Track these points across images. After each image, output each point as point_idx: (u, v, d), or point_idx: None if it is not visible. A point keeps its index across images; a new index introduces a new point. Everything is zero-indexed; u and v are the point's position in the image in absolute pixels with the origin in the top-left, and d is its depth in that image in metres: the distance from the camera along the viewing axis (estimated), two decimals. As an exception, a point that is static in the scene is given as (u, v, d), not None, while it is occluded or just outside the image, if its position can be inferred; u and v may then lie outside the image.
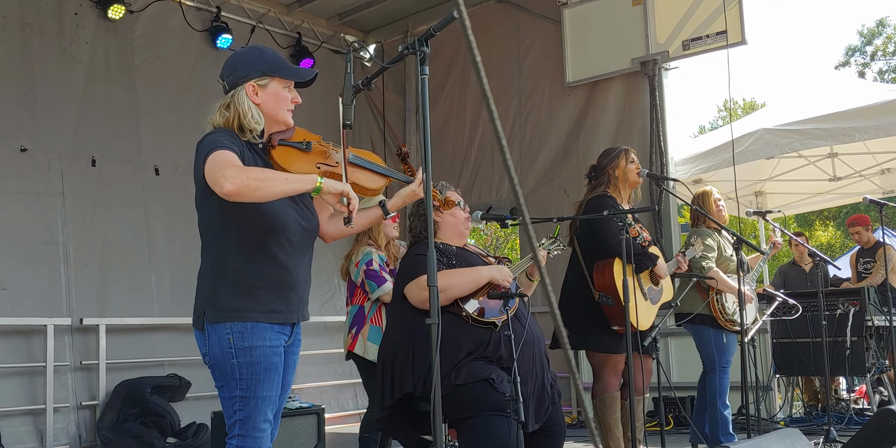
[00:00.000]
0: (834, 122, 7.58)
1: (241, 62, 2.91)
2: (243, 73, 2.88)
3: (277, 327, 2.86)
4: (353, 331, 5.01)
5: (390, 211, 3.18)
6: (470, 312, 3.65)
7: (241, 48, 3.08)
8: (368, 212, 3.17)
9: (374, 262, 4.99)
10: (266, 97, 2.89)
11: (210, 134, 2.83)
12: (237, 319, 2.77)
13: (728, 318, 5.38)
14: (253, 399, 2.79)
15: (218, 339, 2.78)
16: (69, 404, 6.67)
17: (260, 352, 2.79)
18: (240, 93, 2.86)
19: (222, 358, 2.79)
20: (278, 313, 2.85)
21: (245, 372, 2.78)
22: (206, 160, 2.69)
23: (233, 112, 2.85)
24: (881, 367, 6.92)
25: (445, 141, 9.61)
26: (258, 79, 2.88)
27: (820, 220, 27.65)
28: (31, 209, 6.85)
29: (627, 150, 5.04)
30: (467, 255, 3.96)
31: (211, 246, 2.87)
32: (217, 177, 2.62)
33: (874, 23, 31.69)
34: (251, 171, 2.68)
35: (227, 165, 2.64)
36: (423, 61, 2.66)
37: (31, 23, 7.09)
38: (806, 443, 4.02)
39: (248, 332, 2.78)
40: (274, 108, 2.90)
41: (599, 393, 4.68)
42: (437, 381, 2.58)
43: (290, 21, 9.26)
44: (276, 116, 2.92)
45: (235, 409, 2.80)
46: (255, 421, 2.80)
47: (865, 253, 8.54)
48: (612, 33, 8.36)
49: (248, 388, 2.78)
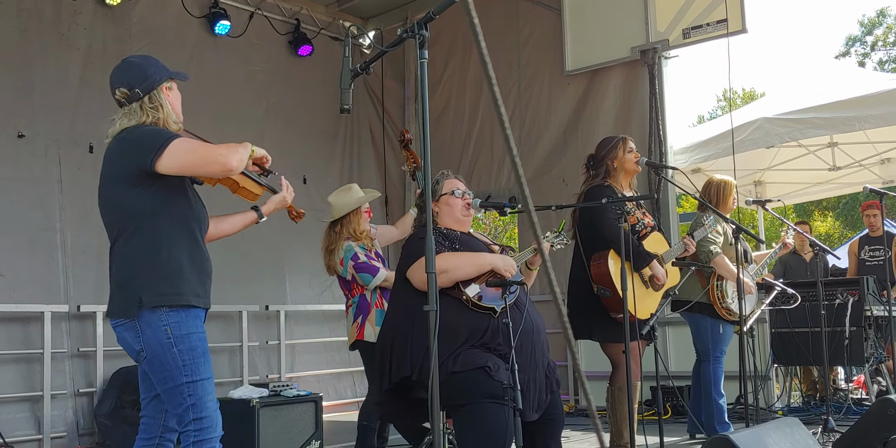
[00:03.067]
0: (834, 111, 7.56)
1: (149, 70, 3.14)
2: (157, 77, 3.13)
3: (201, 312, 3.05)
4: (359, 320, 4.97)
5: (264, 214, 3.56)
6: (471, 296, 3.64)
7: (133, 57, 3.31)
8: (244, 215, 3.53)
9: (358, 255, 4.95)
10: (173, 98, 3.21)
11: (142, 127, 3.04)
12: (176, 302, 2.93)
13: (725, 306, 5.36)
14: (199, 382, 2.94)
15: (154, 333, 2.92)
16: (66, 391, 6.66)
17: (196, 337, 2.97)
18: (160, 95, 3.12)
19: (161, 349, 2.91)
20: (202, 298, 3.05)
21: (187, 357, 2.93)
22: (167, 148, 2.92)
23: (164, 112, 3.10)
24: (879, 357, 6.91)
25: (444, 129, 9.58)
26: (168, 81, 3.17)
27: (819, 210, 27.65)
28: (28, 195, 6.82)
29: (626, 139, 5.01)
30: (471, 241, 3.94)
31: (141, 235, 3.02)
32: (215, 155, 2.96)
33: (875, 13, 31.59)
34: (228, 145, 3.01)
35: (215, 146, 2.99)
36: (422, 45, 2.64)
37: (28, 9, 7.05)
38: (805, 432, 4.01)
39: (183, 320, 2.94)
40: (177, 107, 3.22)
41: (619, 382, 4.68)
42: (434, 368, 2.57)
43: (288, 7, 9.21)
44: (178, 114, 3.22)
45: (185, 395, 2.92)
46: (206, 401, 2.95)
47: (872, 241, 8.47)
48: (612, 21, 8.34)
49: (192, 372, 2.93)
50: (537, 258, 4.23)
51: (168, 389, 2.94)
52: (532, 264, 4.27)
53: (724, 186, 5.65)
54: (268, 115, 8.68)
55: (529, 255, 4.23)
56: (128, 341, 2.99)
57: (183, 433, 2.93)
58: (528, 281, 4.18)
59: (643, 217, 4.94)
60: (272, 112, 8.72)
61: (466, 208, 4.02)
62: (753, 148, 8.13)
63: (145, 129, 3.01)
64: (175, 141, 2.93)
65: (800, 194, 11.14)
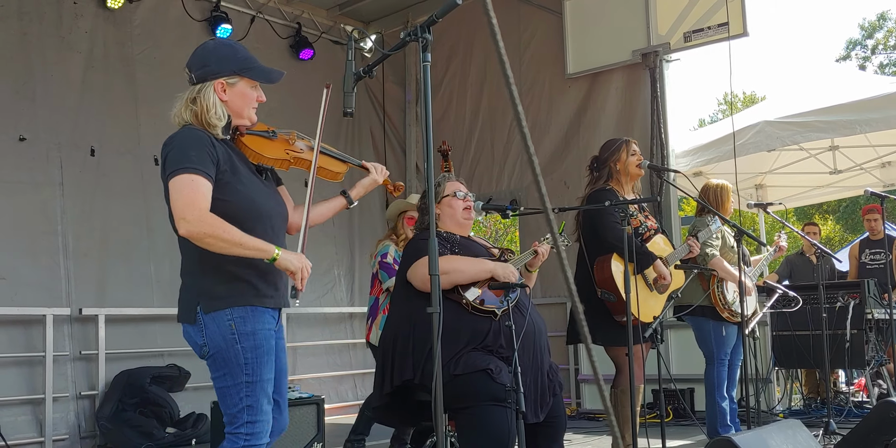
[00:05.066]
0: (835, 114, 7.56)
1: (213, 58, 2.93)
2: (214, 69, 2.90)
3: (270, 311, 2.89)
4: (369, 321, 5.23)
5: (353, 200, 3.26)
6: (470, 300, 3.64)
7: (213, 41, 3.07)
8: (331, 203, 3.25)
9: (388, 255, 5.19)
10: (233, 95, 2.93)
11: (179, 135, 2.85)
12: (237, 304, 2.78)
13: (728, 307, 5.36)
14: (258, 383, 2.79)
15: (218, 328, 2.77)
16: (68, 394, 6.66)
17: (262, 335, 2.81)
18: (207, 89, 2.89)
19: (225, 345, 2.77)
20: (270, 298, 2.88)
21: (250, 356, 2.78)
22: (172, 179, 2.73)
23: (199, 107, 2.88)
24: (880, 360, 6.92)
25: (445, 132, 9.58)
26: (228, 77, 2.91)
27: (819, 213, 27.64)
28: (30, 199, 6.83)
29: (629, 142, 5.02)
30: (471, 245, 3.95)
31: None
32: (179, 213, 2.69)
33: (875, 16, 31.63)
34: (213, 226, 2.69)
35: (190, 207, 2.69)
36: (425, 48, 2.64)
37: (29, 12, 7.06)
38: (807, 434, 4.01)
39: (249, 316, 2.79)
40: (240, 106, 2.96)
41: (622, 385, 4.68)
42: (438, 371, 2.57)
43: (289, 11, 9.23)
44: (242, 113, 2.98)
45: (242, 395, 2.78)
46: (262, 404, 2.81)
47: (873, 244, 8.46)
48: (614, 24, 8.34)
49: (253, 372, 2.78)
50: (537, 260, 4.24)
51: (227, 386, 2.80)
52: (531, 266, 4.28)
53: (721, 191, 5.66)
54: (269, 118, 8.65)
55: (529, 258, 4.23)
56: (191, 335, 2.85)
57: (233, 435, 2.78)
58: (528, 283, 4.18)
59: (646, 220, 4.94)
60: (273, 115, 8.70)
61: (468, 211, 4.03)
62: (755, 151, 8.13)
63: (174, 145, 2.82)
64: (179, 178, 2.73)
65: (801, 197, 11.14)
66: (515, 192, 8.97)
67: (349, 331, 9.13)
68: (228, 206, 2.80)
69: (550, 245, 4.36)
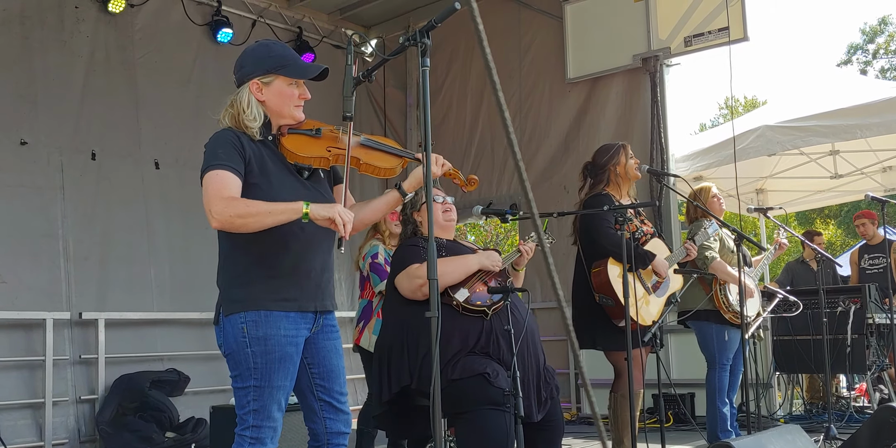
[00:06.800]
0: (836, 119, 7.56)
1: (248, 60, 2.95)
2: (249, 70, 2.92)
3: (294, 315, 2.85)
4: (361, 324, 5.12)
5: (407, 192, 3.11)
6: (460, 301, 3.65)
7: (255, 43, 3.08)
8: (385, 197, 3.15)
9: (379, 255, 5.05)
10: (270, 94, 2.92)
11: (216, 136, 2.87)
12: (250, 308, 2.78)
13: (731, 309, 5.35)
14: (267, 388, 2.79)
15: (232, 329, 2.80)
16: (68, 398, 6.66)
17: (274, 341, 2.79)
18: (243, 90, 2.91)
19: (237, 347, 2.80)
20: (293, 301, 2.84)
21: (259, 361, 2.78)
22: (204, 177, 2.77)
23: (235, 109, 2.89)
24: (881, 365, 6.90)
25: (445, 136, 9.59)
26: (262, 77, 2.91)
27: (821, 218, 27.62)
28: (30, 203, 6.83)
29: (625, 146, 5.02)
30: (457, 248, 3.97)
31: (223, 240, 2.90)
32: (206, 206, 2.71)
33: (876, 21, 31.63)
34: (236, 207, 2.70)
35: (215, 198, 2.71)
36: (424, 53, 2.65)
37: (31, 16, 7.07)
38: (807, 439, 4.01)
39: (262, 320, 2.79)
40: (279, 105, 2.93)
41: (622, 389, 4.67)
42: (436, 375, 2.57)
43: (290, 15, 9.24)
44: (283, 112, 2.95)
45: (249, 398, 2.80)
46: (270, 410, 2.81)
47: (871, 249, 8.46)
48: (614, 29, 8.35)
49: (262, 377, 2.79)
50: (523, 259, 4.28)
51: (237, 388, 2.83)
52: (518, 265, 4.31)
53: (701, 193, 5.70)
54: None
55: (515, 257, 4.26)
56: (217, 336, 2.88)
57: (240, 436, 2.81)
58: (516, 282, 4.20)
59: (642, 224, 4.94)
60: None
61: (448, 213, 4.05)
62: (755, 156, 8.12)
63: (206, 148, 2.84)
64: (208, 175, 2.75)
65: (801, 202, 11.12)
66: (515, 196, 8.97)
67: (349, 335, 9.11)
68: None
69: (535, 242, 4.37)
